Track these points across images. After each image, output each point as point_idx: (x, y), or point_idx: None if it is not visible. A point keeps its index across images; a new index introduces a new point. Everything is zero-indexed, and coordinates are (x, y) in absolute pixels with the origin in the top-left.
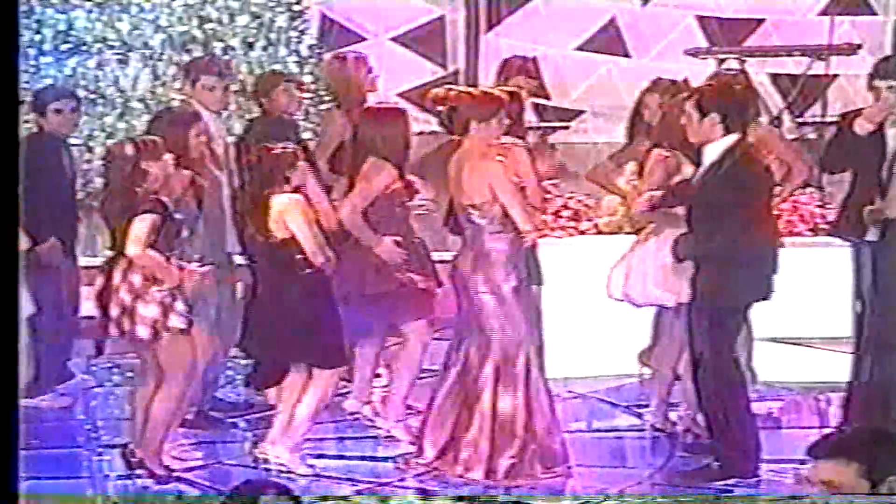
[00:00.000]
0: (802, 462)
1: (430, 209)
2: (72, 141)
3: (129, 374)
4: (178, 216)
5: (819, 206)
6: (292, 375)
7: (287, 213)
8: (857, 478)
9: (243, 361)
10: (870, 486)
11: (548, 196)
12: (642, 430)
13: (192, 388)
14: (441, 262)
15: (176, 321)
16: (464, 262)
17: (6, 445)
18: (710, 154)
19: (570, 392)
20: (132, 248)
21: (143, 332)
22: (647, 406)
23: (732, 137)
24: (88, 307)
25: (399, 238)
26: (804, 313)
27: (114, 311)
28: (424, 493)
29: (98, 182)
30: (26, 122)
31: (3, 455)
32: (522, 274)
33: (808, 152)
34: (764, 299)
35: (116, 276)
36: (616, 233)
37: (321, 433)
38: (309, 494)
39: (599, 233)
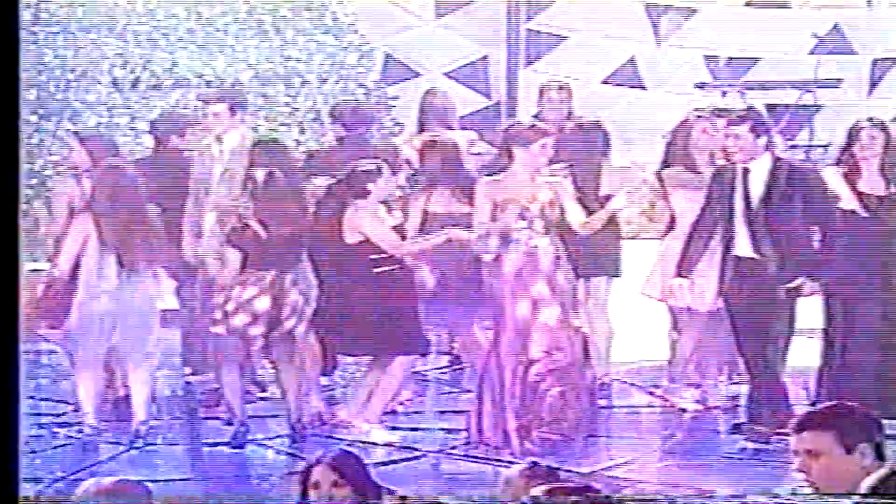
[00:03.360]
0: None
1: None
2: None
3: None
4: None
5: None
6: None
7: (361, 220)
8: (833, 445)
9: None
10: (845, 451)
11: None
12: (655, 407)
13: None
14: None
15: None
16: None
17: (6, 446)
18: (760, 170)
19: None
20: None
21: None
22: (658, 387)
23: (769, 156)
24: None
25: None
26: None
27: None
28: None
29: None
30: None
31: (4, 456)
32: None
33: None
34: None
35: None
36: (635, 238)
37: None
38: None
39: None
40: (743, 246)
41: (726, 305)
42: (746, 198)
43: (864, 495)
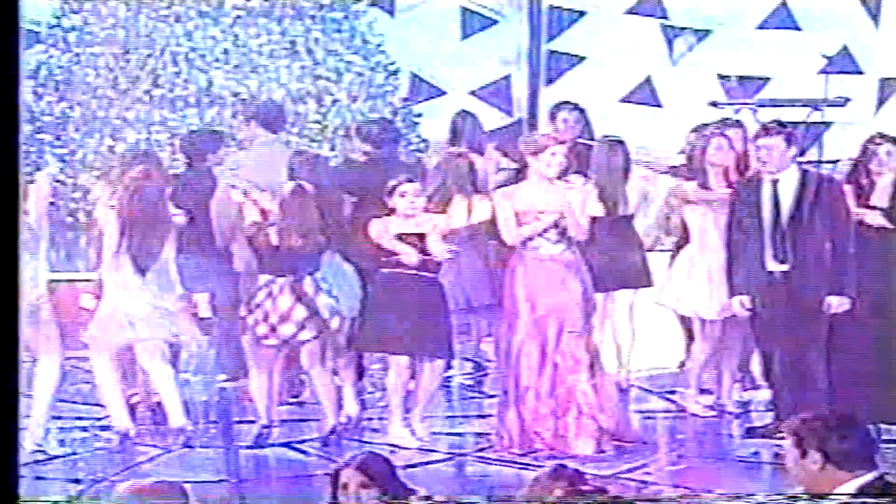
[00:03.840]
0: None
1: None
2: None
3: None
4: None
5: None
6: (396, 364)
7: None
8: (793, 449)
9: None
10: (800, 455)
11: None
12: (670, 412)
13: None
14: None
15: None
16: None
17: (6, 446)
18: (790, 180)
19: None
20: None
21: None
22: (673, 392)
23: (796, 167)
24: None
25: None
26: None
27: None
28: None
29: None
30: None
31: (4, 456)
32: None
33: None
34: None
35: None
36: (651, 250)
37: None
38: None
39: None
40: (772, 259)
41: (754, 318)
42: (776, 209)
43: (853, 496)
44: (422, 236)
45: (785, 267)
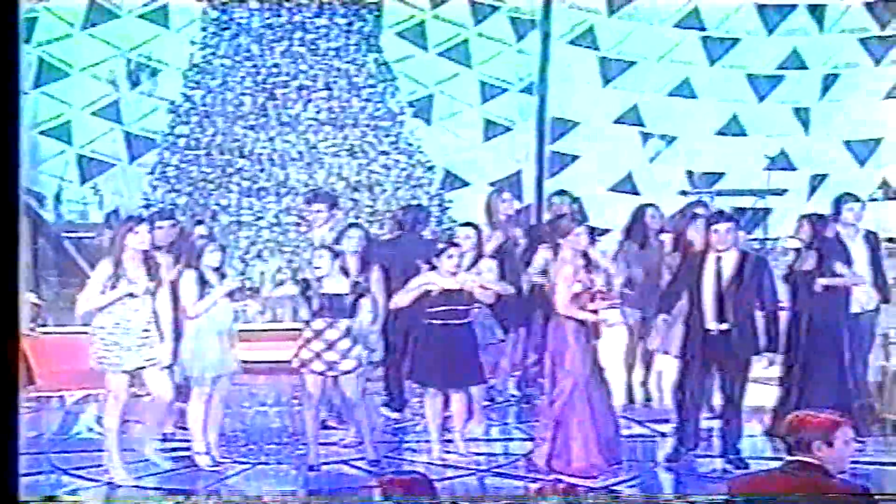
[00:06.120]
0: None
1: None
2: None
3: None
4: None
5: None
6: (430, 397)
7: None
8: None
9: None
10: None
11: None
12: (646, 437)
13: None
14: None
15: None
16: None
17: (6, 446)
18: (730, 257)
19: None
20: None
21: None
22: (652, 420)
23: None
24: None
25: None
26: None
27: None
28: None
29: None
30: None
31: (3, 455)
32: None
33: None
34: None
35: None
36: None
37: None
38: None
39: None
40: (712, 320)
41: (693, 365)
42: (718, 280)
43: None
44: (459, 290)
45: (724, 326)
